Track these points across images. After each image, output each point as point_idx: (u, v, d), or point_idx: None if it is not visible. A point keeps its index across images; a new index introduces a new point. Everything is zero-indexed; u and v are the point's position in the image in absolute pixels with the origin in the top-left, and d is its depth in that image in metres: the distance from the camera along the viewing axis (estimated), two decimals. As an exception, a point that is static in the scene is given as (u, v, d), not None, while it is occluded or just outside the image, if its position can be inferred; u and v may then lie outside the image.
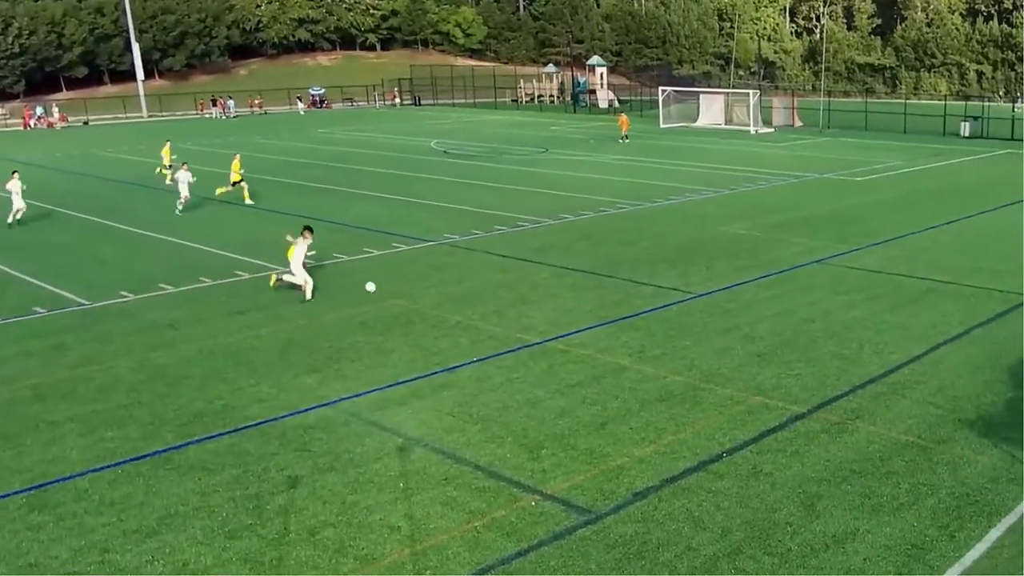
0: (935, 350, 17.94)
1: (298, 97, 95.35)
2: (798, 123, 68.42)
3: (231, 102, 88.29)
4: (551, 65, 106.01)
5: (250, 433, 14.63)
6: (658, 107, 71.25)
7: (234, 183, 36.36)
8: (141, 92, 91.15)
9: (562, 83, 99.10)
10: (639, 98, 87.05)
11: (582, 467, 13.23)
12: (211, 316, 21.12)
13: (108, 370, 17.69)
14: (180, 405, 15.86)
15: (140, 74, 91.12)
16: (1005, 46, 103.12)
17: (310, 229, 23.17)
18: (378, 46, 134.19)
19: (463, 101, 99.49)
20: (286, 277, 22.62)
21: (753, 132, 63.44)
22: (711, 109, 70.24)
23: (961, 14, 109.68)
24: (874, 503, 12.09)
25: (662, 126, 67.83)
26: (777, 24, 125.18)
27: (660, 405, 15.46)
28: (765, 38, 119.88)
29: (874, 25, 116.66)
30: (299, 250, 22.41)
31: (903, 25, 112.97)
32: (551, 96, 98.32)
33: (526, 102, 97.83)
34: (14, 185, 32.63)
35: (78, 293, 23.36)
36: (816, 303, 21.25)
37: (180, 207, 34.34)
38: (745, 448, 13.76)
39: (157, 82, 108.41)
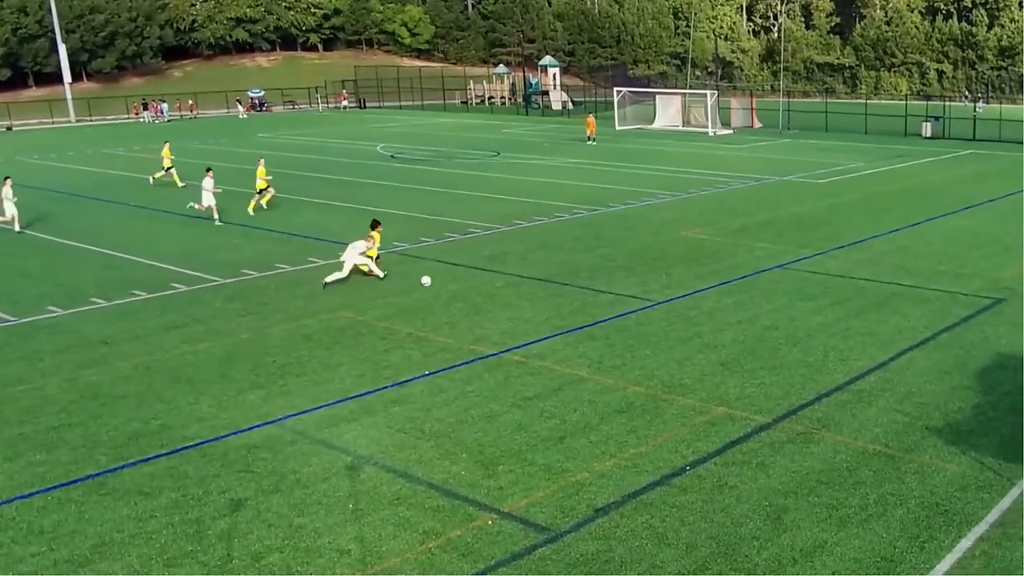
0: (901, 356, 17.77)
1: (237, 100, 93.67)
2: (757, 124, 68.70)
3: (164, 105, 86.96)
4: (502, 66, 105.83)
5: (190, 454, 14.05)
6: (613, 109, 71.10)
7: (260, 190, 35.00)
8: (68, 95, 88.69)
9: (513, 84, 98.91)
10: (593, 99, 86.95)
11: (540, 483, 12.88)
12: (146, 331, 20.38)
13: (37, 390, 16.96)
14: (114, 426, 15.21)
15: (67, 76, 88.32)
16: (965, 45, 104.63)
17: (376, 226, 24.55)
18: (320, 46, 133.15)
19: (410, 103, 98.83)
20: (372, 270, 23.99)
21: (711, 134, 63.52)
22: (668, 110, 70.25)
23: (920, 12, 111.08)
24: (842, 515, 11.89)
25: (618, 128, 67.71)
26: (734, 23, 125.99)
27: (620, 417, 15.10)
28: (722, 37, 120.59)
29: (833, 24, 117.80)
30: (359, 246, 23.71)
31: (862, 24, 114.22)
32: (502, 98, 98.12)
33: (476, 104, 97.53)
34: (6, 192, 31.95)
35: (2, 309, 22.46)
36: (779, 309, 21.01)
37: (194, 207, 33.06)
38: (709, 460, 13.49)
39: (85, 85, 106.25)
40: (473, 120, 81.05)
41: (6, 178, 32.83)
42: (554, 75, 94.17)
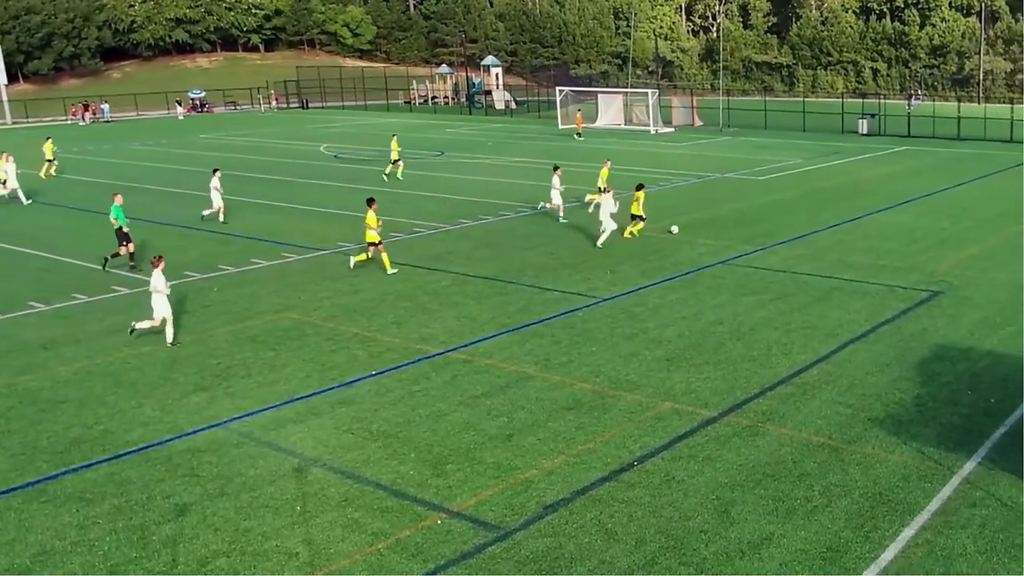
0: (843, 349, 18.01)
1: (177, 101, 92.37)
2: (698, 122, 69.17)
3: (105, 106, 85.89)
4: (444, 66, 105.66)
5: (133, 459, 13.83)
6: (555, 108, 71.23)
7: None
8: (4, 97, 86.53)
9: (456, 84, 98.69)
10: (536, 99, 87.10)
11: (489, 482, 12.87)
12: (87, 335, 20.04)
13: (-26, 397, 16.60)
14: (55, 432, 14.93)
15: (2, 78, 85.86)
16: (898, 44, 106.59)
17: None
18: (262, 47, 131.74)
19: (353, 103, 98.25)
20: (603, 239, 26.98)
21: (653, 132, 63.87)
22: (610, 109, 70.52)
23: (855, 12, 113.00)
24: (788, 507, 12.02)
25: (560, 127, 67.79)
26: (673, 23, 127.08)
27: (568, 414, 15.12)
28: (662, 37, 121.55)
29: (770, 24, 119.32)
30: (607, 205, 27.01)
31: (798, 23, 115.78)
32: (445, 97, 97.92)
33: (419, 104, 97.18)
34: (215, 182, 32.10)
35: (-65, 315, 21.93)
36: (723, 305, 21.19)
37: (561, 216, 32.11)
38: (656, 455, 13.56)
39: (22, 86, 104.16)
40: (417, 120, 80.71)
41: (215, 170, 33.08)
42: (496, 75, 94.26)
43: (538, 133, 64.40)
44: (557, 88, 73.69)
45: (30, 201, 37.47)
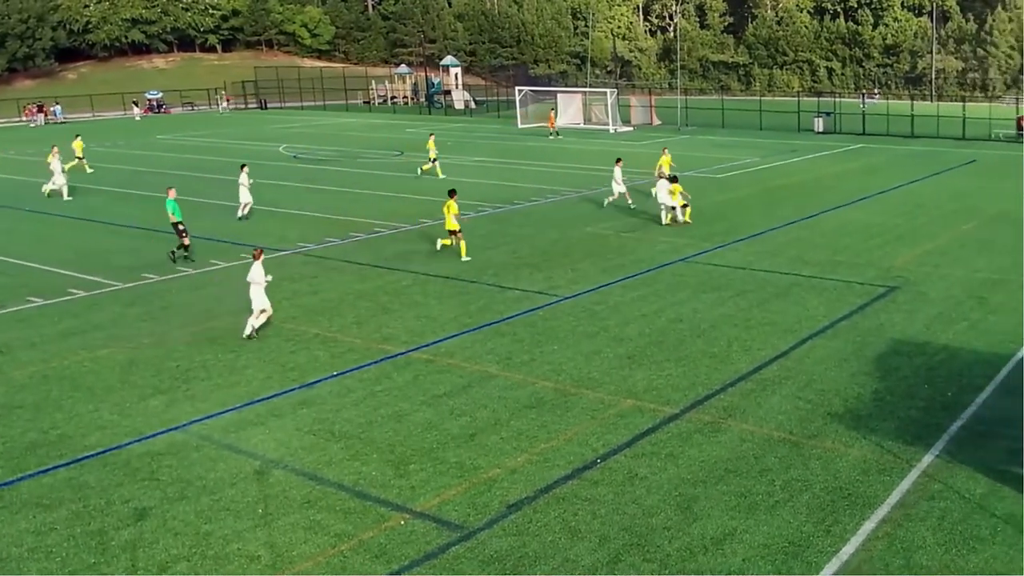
0: (802, 344, 18.16)
1: (134, 102, 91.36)
2: (656, 121, 69.54)
3: (57, 107, 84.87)
4: (404, 66, 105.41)
5: (91, 464, 13.65)
6: (515, 107, 71.29)
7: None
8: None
9: (416, 84, 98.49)
10: (496, 98, 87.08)
11: (452, 481, 12.84)
12: (43, 339, 19.73)
13: (-73, 402, 16.28)
14: (10, 437, 14.71)
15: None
16: (852, 43, 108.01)
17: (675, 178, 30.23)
18: (219, 47, 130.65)
19: (312, 103, 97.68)
20: (665, 217, 29.81)
21: (612, 131, 64.11)
22: (569, 109, 70.72)
23: (809, 12, 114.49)
24: (750, 502, 12.09)
25: (520, 126, 67.90)
26: (631, 23, 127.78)
27: (530, 413, 15.12)
28: (620, 37, 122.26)
29: (726, 23, 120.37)
30: (663, 188, 29.55)
31: (754, 23, 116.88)
32: (405, 97, 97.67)
33: (379, 104, 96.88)
34: (243, 178, 32.91)
35: None
36: (683, 302, 21.29)
37: (630, 203, 33.25)
38: (619, 453, 13.59)
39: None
40: (376, 120, 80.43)
41: (243, 166, 33.56)
42: (456, 75, 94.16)
43: (498, 133, 64.39)
44: (516, 88, 73.83)
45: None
